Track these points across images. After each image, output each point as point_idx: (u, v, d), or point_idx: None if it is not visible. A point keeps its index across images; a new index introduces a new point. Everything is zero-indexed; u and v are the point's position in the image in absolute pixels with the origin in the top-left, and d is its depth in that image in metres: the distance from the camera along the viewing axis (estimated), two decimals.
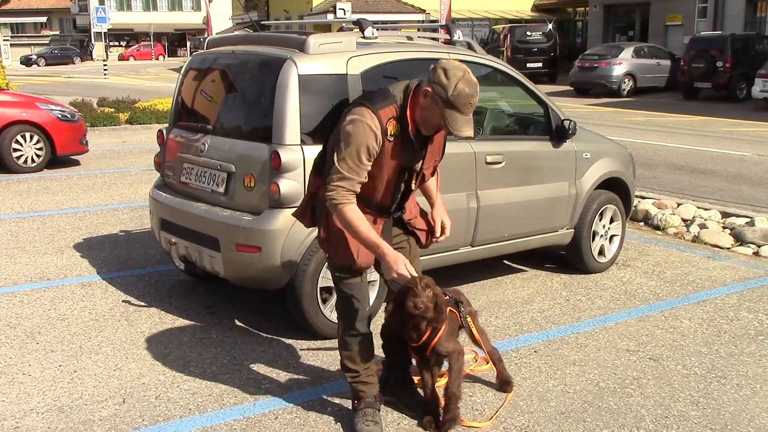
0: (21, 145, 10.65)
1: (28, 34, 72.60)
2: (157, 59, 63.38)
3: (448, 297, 3.69)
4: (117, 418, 3.74)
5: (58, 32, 74.79)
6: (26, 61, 53.87)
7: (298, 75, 4.59)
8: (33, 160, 10.75)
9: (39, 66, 52.65)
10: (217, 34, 50.19)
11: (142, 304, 5.36)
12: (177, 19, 71.15)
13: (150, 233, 7.18)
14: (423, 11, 39.07)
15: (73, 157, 11.52)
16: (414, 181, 3.61)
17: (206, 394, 4.01)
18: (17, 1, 73.22)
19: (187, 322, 5.03)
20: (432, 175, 3.77)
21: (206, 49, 5.50)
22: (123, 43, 68.70)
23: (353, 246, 3.47)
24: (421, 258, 5.22)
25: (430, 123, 3.38)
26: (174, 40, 70.30)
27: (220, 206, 4.86)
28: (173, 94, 5.59)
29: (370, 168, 3.36)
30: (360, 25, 5.06)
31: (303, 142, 4.55)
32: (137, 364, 4.36)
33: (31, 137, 10.71)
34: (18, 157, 10.64)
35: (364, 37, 5.01)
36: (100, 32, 39.93)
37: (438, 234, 3.76)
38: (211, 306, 5.34)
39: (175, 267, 5.50)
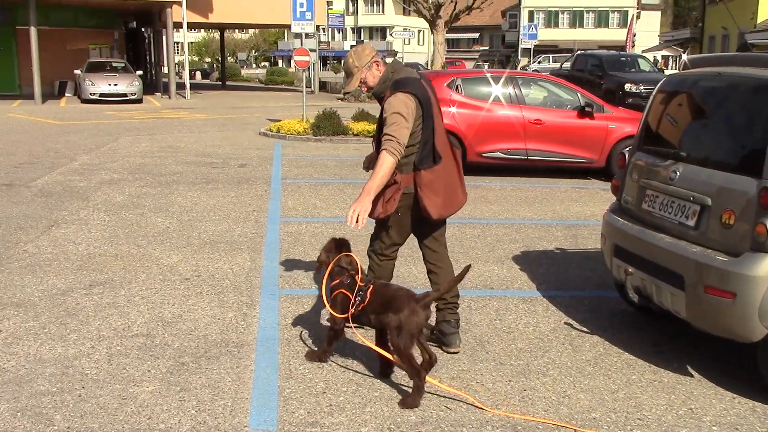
0: None
1: (462, 49, 79.11)
2: None
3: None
4: None
5: (487, 47, 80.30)
6: None
7: None
8: None
9: None
10: (642, 51, 48.87)
11: (585, 330, 5.20)
12: (601, 36, 71.08)
13: (586, 254, 7.07)
14: None
15: None
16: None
17: None
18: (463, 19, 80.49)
19: (633, 358, 4.73)
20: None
21: (688, 69, 5.12)
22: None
23: None
24: None
25: None
26: None
27: (687, 240, 4.47)
28: (642, 116, 5.32)
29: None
30: None
31: None
32: (586, 395, 4.18)
33: None
34: None
35: None
36: (528, 48, 41.45)
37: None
38: (659, 345, 4.96)
39: (624, 297, 5.23)
